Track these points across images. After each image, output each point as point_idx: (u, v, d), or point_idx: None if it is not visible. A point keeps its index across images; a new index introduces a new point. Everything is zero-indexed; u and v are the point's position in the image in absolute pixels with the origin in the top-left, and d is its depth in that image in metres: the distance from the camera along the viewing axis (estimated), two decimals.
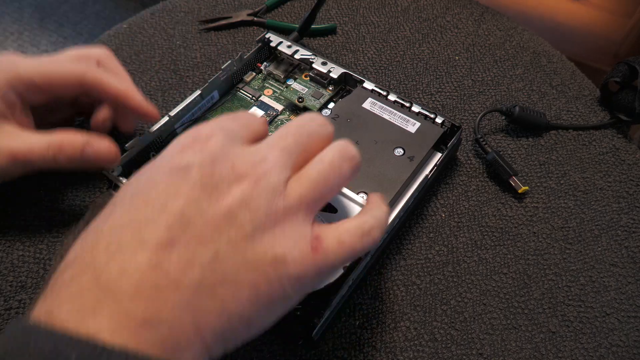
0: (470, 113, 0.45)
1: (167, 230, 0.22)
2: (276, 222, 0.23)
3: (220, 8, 0.53)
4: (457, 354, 0.33)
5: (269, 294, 0.23)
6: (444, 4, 0.53)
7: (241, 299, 0.22)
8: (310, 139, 0.26)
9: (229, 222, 0.23)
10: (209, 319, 0.22)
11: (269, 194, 0.23)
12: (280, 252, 0.23)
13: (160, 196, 0.23)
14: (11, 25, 1.36)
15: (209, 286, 0.22)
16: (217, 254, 0.22)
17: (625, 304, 0.35)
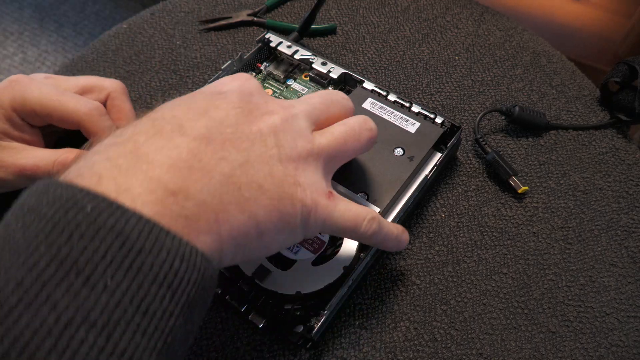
0: (470, 113, 0.45)
1: (206, 129, 0.24)
2: (299, 158, 0.26)
3: (220, 8, 0.53)
4: (457, 354, 0.33)
5: (286, 210, 0.25)
6: (444, 4, 0.53)
7: (262, 203, 0.24)
8: (333, 104, 0.30)
9: (260, 140, 0.25)
10: (230, 212, 0.23)
11: (295, 133, 0.27)
12: (302, 181, 0.26)
13: (201, 106, 0.25)
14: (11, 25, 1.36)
15: (237, 183, 0.24)
16: (248, 160, 0.24)
17: (625, 303, 0.35)
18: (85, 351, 0.18)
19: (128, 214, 0.20)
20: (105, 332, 0.18)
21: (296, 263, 0.33)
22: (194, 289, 0.21)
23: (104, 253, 0.19)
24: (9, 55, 1.30)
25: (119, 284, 0.19)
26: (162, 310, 0.20)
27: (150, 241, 0.20)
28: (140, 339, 0.19)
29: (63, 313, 0.18)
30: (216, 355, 0.33)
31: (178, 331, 0.20)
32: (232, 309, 0.35)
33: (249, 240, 0.25)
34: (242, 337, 0.34)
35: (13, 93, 0.35)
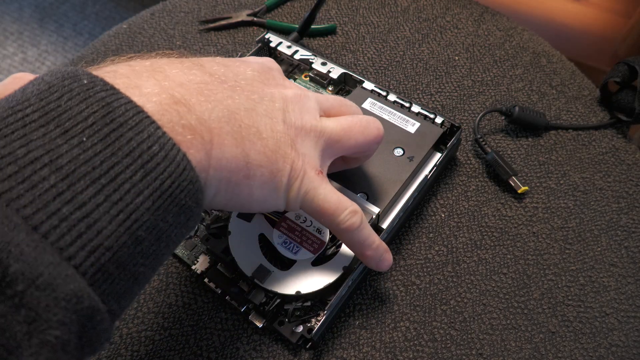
0: (470, 113, 0.45)
1: (223, 73, 0.26)
2: (302, 129, 0.28)
3: (220, 8, 0.53)
4: (456, 354, 0.33)
5: (276, 164, 0.26)
6: (444, 4, 0.53)
7: (256, 146, 0.25)
8: (346, 105, 0.32)
9: (270, 100, 0.27)
10: (225, 140, 0.24)
11: (304, 108, 0.28)
12: (298, 147, 0.27)
13: (223, 61, 0.27)
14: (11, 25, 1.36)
15: (238, 120, 0.25)
16: (254, 108, 0.26)
17: (624, 304, 0.35)
18: (44, 187, 0.18)
19: (119, 94, 0.21)
20: (68, 180, 0.18)
21: (296, 263, 0.33)
22: (169, 180, 0.21)
23: (87, 116, 0.20)
24: (9, 55, 1.30)
25: (93, 144, 0.19)
26: (131, 184, 0.20)
27: (133, 120, 0.20)
28: (102, 200, 0.19)
29: (33, 151, 0.18)
30: (216, 355, 0.33)
31: (145, 215, 0.20)
32: (232, 309, 0.35)
33: (235, 179, 0.25)
34: (242, 337, 0.34)
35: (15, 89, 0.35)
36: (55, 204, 0.18)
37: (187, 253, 0.36)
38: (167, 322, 0.34)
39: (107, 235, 0.19)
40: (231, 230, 0.34)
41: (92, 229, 0.18)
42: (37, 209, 0.17)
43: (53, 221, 0.18)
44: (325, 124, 0.29)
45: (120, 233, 0.19)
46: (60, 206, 0.18)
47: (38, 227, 0.17)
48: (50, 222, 0.18)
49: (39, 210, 0.18)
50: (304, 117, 0.28)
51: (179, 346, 0.34)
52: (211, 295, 0.35)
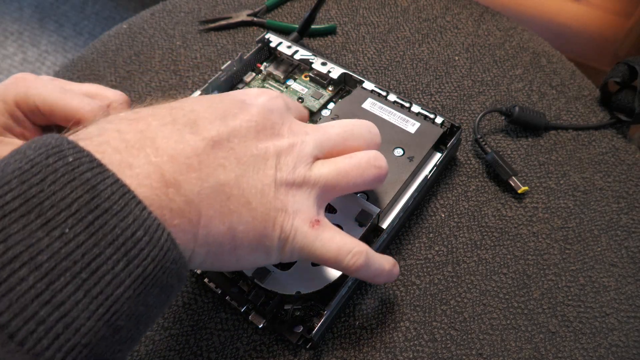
0: (470, 113, 0.45)
1: (217, 133, 0.25)
2: (294, 183, 0.27)
3: (220, 8, 0.53)
4: (456, 354, 0.33)
5: (264, 232, 0.26)
6: (444, 4, 0.53)
7: (244, 219, 0.25)
8: (353, 137, 0.30)
9: (262, 159, 0.26)
10: (211, 220, 0.24)
11: (297, 158, 0.27)
12: (289, 207, 0.26)
13: (221, 109, 0.26)
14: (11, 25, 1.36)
15: (227, 193, 0.24)
16: (245, 174, 0.25)
17: (624, 304, 0.35)
18: (22, 290, 0.17)
19: (106, 174, 0.20)
20: (48, 278, 0.18)
21: (296, 263, 0.33)
22: (152, 265, 0.20)
23: (71, 202, 0.19)
24: (9, 55, 1.30)
25: (76, 235, 0.19)
26: (112, 275, 0.19)
27: (119, 204, 0.20)
28: (82, 297, 0.18)
29: (12, 247, 0.18)
30: (216, 355, 0.33)
31: (125, 305, 0.20)
32: (232, 309, 0.35)
33: (221, 251, 0.25)
34: (242, 337, 0.34)
35: (17, 89, 0.35)
36: (33, 307, 0.17)
37: None
38: (167, 322, 0.34)
39: (85, 332, 0.18)
40: None
41: (69, 328, 0.18)
42: (13, 314, 0.17)
43: (29, 326, 0.17)
44: (320, 172, 0.28)
45: (99, 327, 0.19)
46: (37, 309, 0.17)
47: (14, 335, 0.17)
48: (26, 328, 0.17)
49: (15, 316, 0.17)
50: (296, 171, 0.27)
51: (179, 346, 0.34)
52: (211, 295, 0.35)
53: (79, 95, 0.37)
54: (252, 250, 0.26)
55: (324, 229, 0.27)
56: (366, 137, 0.30)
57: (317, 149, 0.28)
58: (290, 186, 0.27)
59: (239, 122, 0.26)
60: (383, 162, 0.30)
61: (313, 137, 0.28)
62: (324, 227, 0.27)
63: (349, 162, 0.29)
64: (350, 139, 0.30)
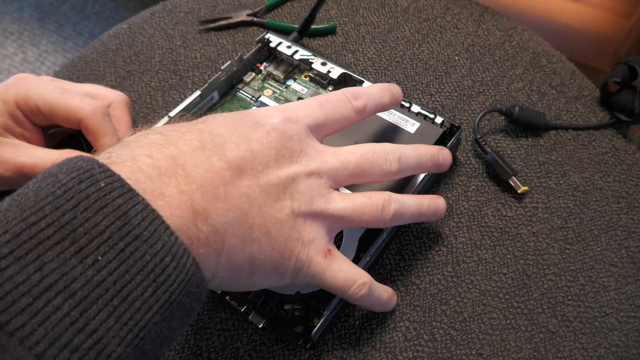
0: (470, 113, 0.45)
1: (242, 160, 0.25)
2: (311, 214, 0.27)
3: (220, 8, 0.53)
4: (456, 354, 0.33)
5: (281, 261, 0.26)
6: (444, 4, 0.53)
7: (263, 248, 0.26)
8: (371, 167, 0.30)
9: (283, 187, 0.26)
10: (234, 247, 0.24)
11: (315, 190, 0.28)
12: (305, 237, 0.27)
13: (246, 133, 0.27)
14: (11, 25, 1.36)
15: (249, 223, 0.25)
16: (266, 203, 0.26)
17: (624, 304, 0.35)
18: (57, 319, 0.18)
19: (137, 199, 0.20)
20: (81, 306, 0.18)
21: None
22: (178, 290, 0.21)
23: (104, 229, 0.19)
24: (9, 55, 1.30)
25: (108, 262, 0.19)
26: (142, 301, 0.20)
27: (149, 231, 0.20)
28: (113, 323, 0.19)
29: (47, 276, 0.18)
30: (216, 355, 0.33)
31: (152, 330, 0.20)
32: (232, 309, 0.35)
33: (239, 275, 0.26)
34: (242, 337, 0.34)
35: (17, 90, 0.35)
36: (68, 335, 0.18)
37: None
38: None
39: (116, 358, 0.19)
40: None
41: (101, 355, 0.18)
42: (49, 344, 0.17)
43: (65, 354, 0.17)
44: (337, 206, 0.28)
45: (128, 352, 0.19)
46: (72, 337, 0.18)
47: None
48: (61, 356, 0.17)
49: (51, 345, 0.17)
50: (314, 202, 0.28)
51: (179, 346, 0.34)
52: (211, 295, 0.35)
53: (80, 95, 0.37)
54: (267, 275, 0.27)
55: (334, 260, 0.29)
56: (384, 167, 0.30)
57: (334, 179, 0.29)
58: (307, 217, 0.27)
59: (261, 147, 0.26)
60: (397, 205, 0.30)
61: (331, 165, 0.29)
62: (334, 257, 0.29)
63: (367, 203, 0.29)
64: (367, 169, 0.30)
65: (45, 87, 0.36)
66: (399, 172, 0.31)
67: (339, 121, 0.31)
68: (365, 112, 0.32)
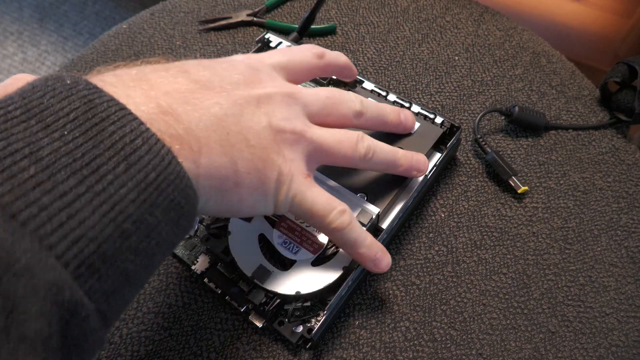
0: (470, 113, 0.45)
1: (208, 79, 0.26)
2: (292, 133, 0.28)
3: (220, 8, 0.53)
4: (456, 354, 0.33)
5: (264, 171, 0.27)
6: (444, 4, 0.53)
7: (244, 155, 0.26)
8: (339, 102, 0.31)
9: (255, 104, 0.27)
10: (213, 149, 0.24)
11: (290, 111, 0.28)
12: (285, 154, 0.27)
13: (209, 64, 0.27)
14: (11, 25, 1.36)
15: (226, 128, 0.25)
16: (241, 114, 0.26)
17: (624, 304, 0.35)
18: (23, 177, 0.18)
19: (103, 93, 0.21)
20: (49, 170, 0.18)
21: (296, 263, 0.33)
22: (154, 173, 0.21)
23: (69, 111, 0.20)
24: (9, 55, 1.30)
25: (75, 138, 0.19)
26: (114, 175, 0.20)
27: (116, 115, 0.21)
28: (84, 190, 0.19)
29: (13, 144, 0.18)
30: (216, 355, 0.33)
31: (130, 208, 0.20)
32: (232, 309, 0.35)
33: (225, 186, 0.25)
34: (242, 337, 0.34)
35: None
36: (35, 193, 0.18)
37: (187, 253, 0.36)
38: (167, 322, 0.34)
39: (91, 226, 0.19)
40: (231, 230, 0.34)
41: (73, 218, 0.18)
42: (15, 197, 0.17)
43: (32, 210, 0.17)
44: (315, 132, 0.29)
45: (104, 224, 0.19)
46: (39, 195, 0.18)
47: (16, 215, 0.17)
48: (29, 211, 0.17)
49: (17, 198, 0.17)
50: (292, 121, 0.28)
51: (179, 346, 0.34)
52: (211, 295, 0.35)
53: None
54: (253, 190, 0.27)
55: (314, 184, 0.29)
56: (349, 104, 0.32)
57: (307, 109, 0.30)
58: (284, 136, 0.28)
59: (229, 72, 0.27)
60: (371, 143, 0.31)
61: (304, 93, 0.30)
62: (313, 182, 0.29)
63: (343, 134, 0.30)
64: (336, 105, 0.31)
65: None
66: (362, 114, 0.32)
67: (301, 63, 0.32)
68: (324, 57, 0.34)
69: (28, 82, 0.21)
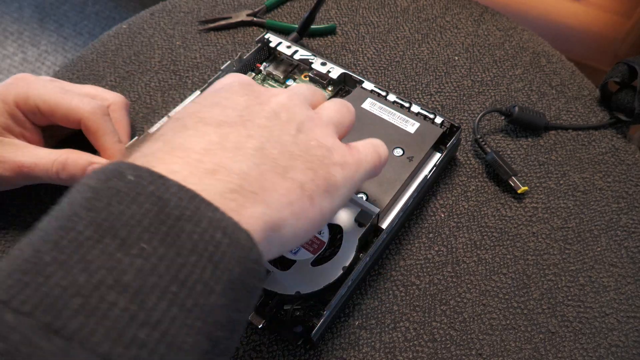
0: (470, 113, 0.45)
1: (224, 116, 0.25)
2: (314, 125, 0.27)
3: (220, 8, 0.53)
4: (456, 354, 0.33)
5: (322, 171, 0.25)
6: (444, 4, 0.53)
7: (298, 167, 0.24)
8: (317, 93, 0.31)
9: (275, 117, 0.26)
10: (272, 179, 0.23)
11: (301, 106, 0.27)
12: (324, 141, 0.26)
13: (210, 101, 0.26)
14: (11, 25, 1.36)
15: (270, 155, 0.24)
16: (272, 134, 0.25)
17: (624, 304, 0.35)
18: (116, 314, 0.17)
19: (169, 182, 0.20)
20: (138, 297, 0.17)
21: (296, 263, 0.33)
22: (238, 268, 0.19)
23: (141, 217, 0.18)
24: (9, 55, 1.30)
25: (155, 249, 0.18)
26: (202, 283, 0.18)
27: (190, 210, 0.19)
28: (177, 311, 0.17)
29: (95, 273, 0.17)
30: None
31: (219, 314, 0.19)
32: None
33: (302, 207, 0.24)
34: (242, 337, 0.34)
35: (17, 89, 0.36)
36: (131, 330, 0.16)
37: None
38: None
39: (189, 349, 0.17)
40: None
41: (172, 347, 0.17)
42: (113, 342, 0.16)
43: (132, 352, 0.16)
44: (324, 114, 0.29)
45: (200, 342, 0.18)
46: (136, 332, 0.16)
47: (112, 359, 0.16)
48: (129, 355, 0.16)
49: (115, 343, 0.16)
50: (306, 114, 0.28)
51: None
52: None
53: (79, 95, 0.37)
54: (324, 193, 0.25)
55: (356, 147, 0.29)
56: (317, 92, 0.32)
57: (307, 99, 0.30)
58: (312, 127, 0.27)
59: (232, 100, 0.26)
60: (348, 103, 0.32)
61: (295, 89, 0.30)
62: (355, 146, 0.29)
63: (334, 104, 0.30)
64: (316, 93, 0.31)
65: (45, 87, 0.36)
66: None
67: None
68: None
69: (88, 185, 0.19)
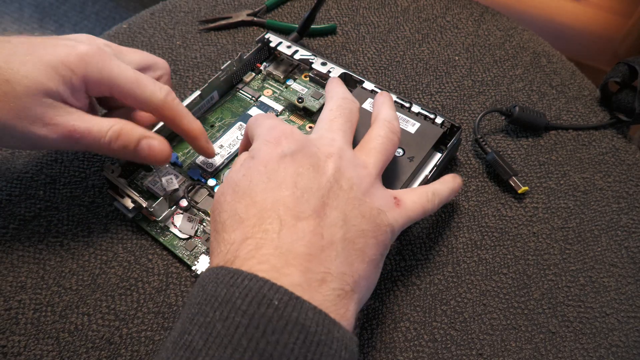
0: (470, 113, 0.45)
1: (309, 204, 0.27)
2: (368, 186, 0.29)
3: (220, 8, 0.53)
4: (456, 355, 0.33)
5: (382, 238, 0.28)
6: (444, 4, 0.53)
7: (370, 243, 0.27)
8: (351, 115, 0.33)
9: (338, 187, 0.28)
10: (358, 269, 0.26)
11: (352, 164, 0.29)
12: (379, 205, 0.29)
13: (286, 179, 0.27)
14: (11, 25, 1.36)
15: (351, 240, 0.27)
16: (345, 213, 0.27)
17: (625, 304, 0.35)
18: None
19: (306, 306, 0.22)
20: None
21: None
22: None
23: (292, 347, 0.21)
24: None
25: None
26: None
27: (324, 334, 0.22)
28: None
29: None
30: None
31: None
32: None
33: (372, 279, 0.28)
34: None
35: (88, 67, 0.33)
36: None
37: (187, 253, 0.36)
38: (167, 322, 0.34)
39: None
40: None
41: None
42: None
43: None
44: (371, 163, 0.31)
45: None
46: None
47: None
48: None
49: None
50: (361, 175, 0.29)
51: None
52: None
53: (151, 80, 0.35)
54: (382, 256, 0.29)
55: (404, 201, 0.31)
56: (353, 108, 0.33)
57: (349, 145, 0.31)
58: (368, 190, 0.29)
59: (305, 178, 0.28)
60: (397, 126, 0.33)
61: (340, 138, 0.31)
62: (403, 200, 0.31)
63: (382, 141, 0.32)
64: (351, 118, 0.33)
65: (120, 69, 0.34)
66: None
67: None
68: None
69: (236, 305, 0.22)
